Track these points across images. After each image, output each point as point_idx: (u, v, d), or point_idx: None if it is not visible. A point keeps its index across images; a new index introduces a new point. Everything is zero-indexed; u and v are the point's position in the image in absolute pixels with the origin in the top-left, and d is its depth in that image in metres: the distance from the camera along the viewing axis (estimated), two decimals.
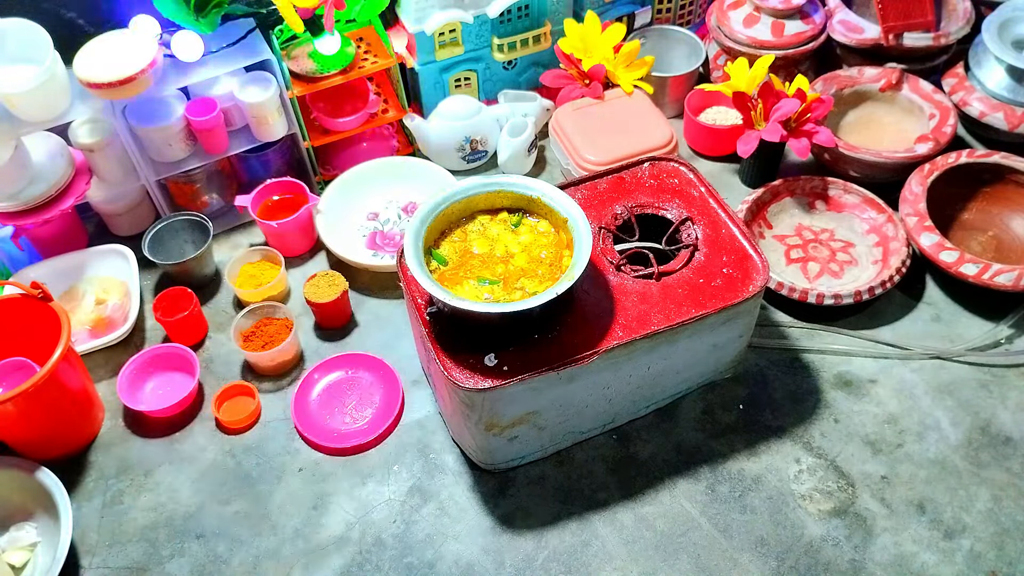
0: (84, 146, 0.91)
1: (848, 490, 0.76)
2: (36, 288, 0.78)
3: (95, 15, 0.93)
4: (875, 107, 1.06)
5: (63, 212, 0.92)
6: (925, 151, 0.96)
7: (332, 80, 0.97)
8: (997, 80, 1.00)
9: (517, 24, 1.06)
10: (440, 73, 1.06)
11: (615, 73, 1.04)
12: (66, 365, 0.77)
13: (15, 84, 0.81)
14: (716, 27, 1.10)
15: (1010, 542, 0.72)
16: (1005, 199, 0.96)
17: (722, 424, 0.81)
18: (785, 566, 0.71)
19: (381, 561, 0.73)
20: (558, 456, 0.79)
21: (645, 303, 0.72)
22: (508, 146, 1.02)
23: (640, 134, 0.98)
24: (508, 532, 0.75)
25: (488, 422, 0.70)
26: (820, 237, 0.96)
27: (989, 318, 0.89)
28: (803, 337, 0.88)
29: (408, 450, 0.81)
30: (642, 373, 0.74)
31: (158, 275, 0.98)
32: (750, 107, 0.97)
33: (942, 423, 0.81)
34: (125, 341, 0.91)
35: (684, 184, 0.82)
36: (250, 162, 1.04)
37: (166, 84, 0.90)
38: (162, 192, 0.99)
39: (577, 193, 0.81)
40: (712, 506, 0.75)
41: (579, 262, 0.65)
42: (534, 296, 0.63)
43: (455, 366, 0.67)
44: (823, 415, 0.82)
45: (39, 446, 0.80)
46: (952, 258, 0.87)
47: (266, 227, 0.96)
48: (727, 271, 0.74)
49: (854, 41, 1.05)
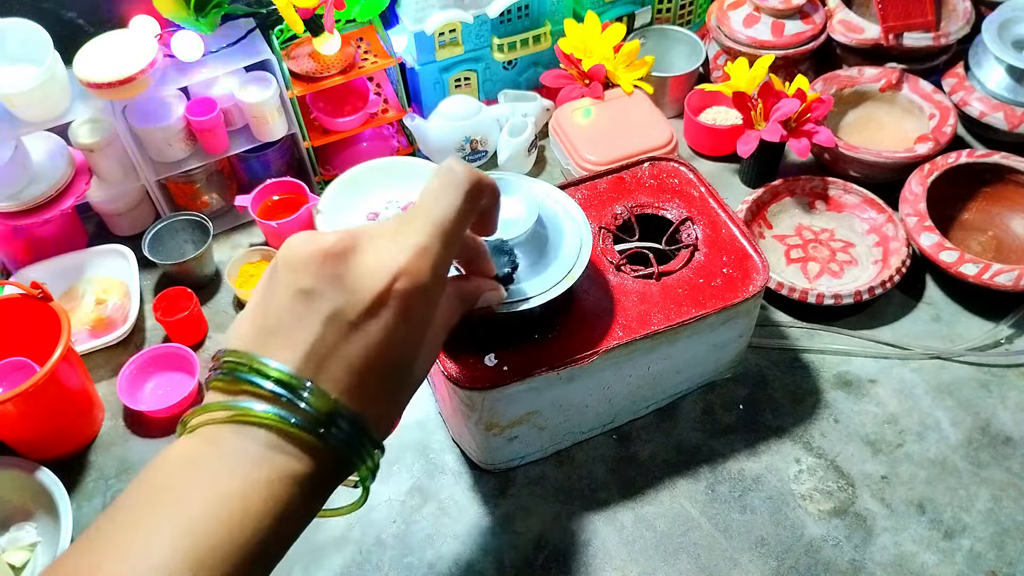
0: (84, 146, 0.92)
1: (848, 490, 0.76)
2: (36, 288, 0.78)
3: (95, 15, 0.93)
4: (875, 107, 1.06)
5: (63, 212, 0.92)
6: (925, 151, 0.96)
7: (332, 80, 0.97)
8: (997, 80, 1.01)
9: (517, 24, 1.06)
10: (440, 73, 1.06)
11: (615, 73, 1.04)
12: (66, 365, 0.77)
13: (15, 84, 0.81)
14: (716, 27, 1.10)
15: (1010, 542, 0.72)
16: (1005, 199, 0.96)
17: (722, 424, 0.81)
18: (785, 566, 0.71)
19: (381, 561, 0.73)
20: (558, 456, 0.79)
21: (645, 303, 0.72)
22: (508, 146, 1.03)
23: (640, 134, 0.98)
24: (508, 532, 0.75)
25: (488, 422, 0.70)
26: (820, 237, 0.96)
27: (989, 318, 0.89)
28: (803, 337, 0.88)
29: (408, 450, 0.81)
30: (642, 373, 0.74)
31: (158, 275, 0.98)
32: (750, 107, 0.97)
33: (942, 423, 0.81)
34: (125, 341, 0.91)
35: (684, 184, 0.82)
36: (250, 162, 1.04)
37: (166, 84, 0.90)
38: (162, 192, 1.00)
39: (577, 193, 0.81)
40: (712, 506, 0.75)
41: (579, 262, 0.65)
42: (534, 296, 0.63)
43: (455, 366, 0.67)
44: (823, 415, 0.82)
45: (39, 446, 0.80)
46: (952, 258, 0.87)
47: (266, 227, 0.96)
48: (727, 271, 0.74)
49: (854, 41, 1.05)
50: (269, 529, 0.35)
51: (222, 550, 0.33)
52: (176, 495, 0.34)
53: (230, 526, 0.33)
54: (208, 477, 0.35)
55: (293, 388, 0.36)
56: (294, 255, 0.38)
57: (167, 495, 0.34)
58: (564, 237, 0.66)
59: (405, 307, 0.38)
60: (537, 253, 0.64)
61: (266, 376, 0.36)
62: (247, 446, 0.35)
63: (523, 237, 0.62)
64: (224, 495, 0.34)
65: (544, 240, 0.65)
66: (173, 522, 0.33)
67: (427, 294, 0.39)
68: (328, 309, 0.37)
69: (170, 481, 0.35)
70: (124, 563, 0.32)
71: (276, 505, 0.35)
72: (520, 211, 0.61)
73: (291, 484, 0.36)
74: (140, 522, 0.33)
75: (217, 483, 0.34)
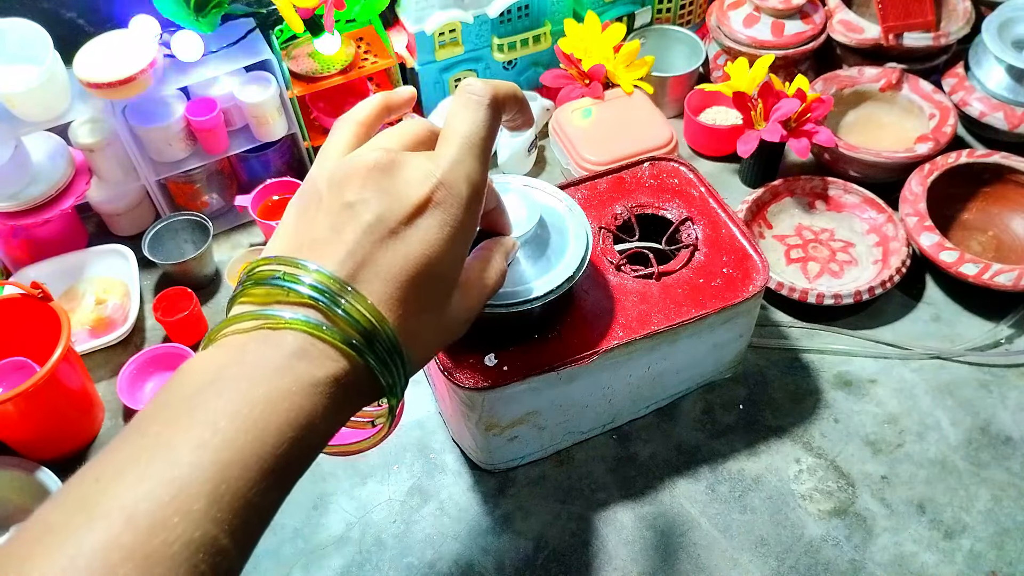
0: (84, 146, 0.92)
1: (848, 490, 0.76)
2: (36, 288, 0.78)
3: (95, 15, 0.93)
4: (875, 107, 1.06)
5: (63, 212, 0.92)
6: (925, 151, 0.96)
7: (332, 80, 0.97)
8: (997, 80, 1.01)
9: (517, 24, 1.06)
10: (440, 73, 1.06)
11: (615, 73, 1.04)
12: (66, 365, 0.77)
13: (15, 84, 0.81)
14: (716, 27, 1.10)
15: (1010, 542, 0.72)
16: (1005, 199, 0.96)
17: (722, 424, 0.81)
18: (785, 566, 0.71)
19: (381, 561, 0.73)
20: (558, 456, 0.79)
21: (645, 303, 0.72)
22: (508, 146, 1.03)
23: (640, 134, 0.98)
24: (508, 532, 0.75)
25: (488, 422, 0.70)
26: (820, 237, 0.96)
27: (989, 318, 0.89)
28: (803, 337, 0.88)
29: (408, 450, 0.81)
30: (642, 373, 0.74)
31: (158, 275, 0.98)
32: (750, 107, 0.97)
33: (942, 423, 0.81)
34: (125, 341, 0.91)
35: (684, 184, 0.82)
36: (250, 162, 1.04)
37: (166, 84, 0.90)
38: (162, 192, 1.00)
39: (577, 193, 0.81)
40: (712, 506, 0.75)
41: (579, 263, 0.65)
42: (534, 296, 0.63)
43: (455, 366, 0.67)
44: (823, 415, 0.82)
45: (39, 446, 0.80)
46: (952, 258, 0.87)
47: (266, 227, 0.96)
48: (727, 271, 0.74)
49: (854, 41, 1.05)
50: (292, 440, 0.34)
51: (243, 463, 0.32)
52: (193, 409, 0.33)
53: (251, 438, 0.32)
54: (228, 389, 0.33)
55: (331, 294, 0.36)
56: (340, 170, 0.39)
57: (185, 408, 0.33)
58: (564, 237, 0.66)
59: (444, 216, 0.39)
60: (538, 253, 0.64)
61: (300, 282, 0.36)
62: (271, 354, 0.35)
63: (525, 238, 0.62)
64: (246, 406, 0.33)
65: (545, 241, 0.65)
66: (189, 437, 0.32)
67: (465, 205, 0.40)
68: (370, 217, 0.37)
69: (187, 395, 0.34)
70: (141, 484, 0.30)
71: (300, 415, 0.34)
72: (522, 213, 0.61)
73: (316, 394, 0.35)
74: (158, 439, 0.32)
75: (237, 395, 0.33)
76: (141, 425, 0.34)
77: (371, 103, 0.45)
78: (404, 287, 0.38)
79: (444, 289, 0.41)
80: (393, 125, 0.44)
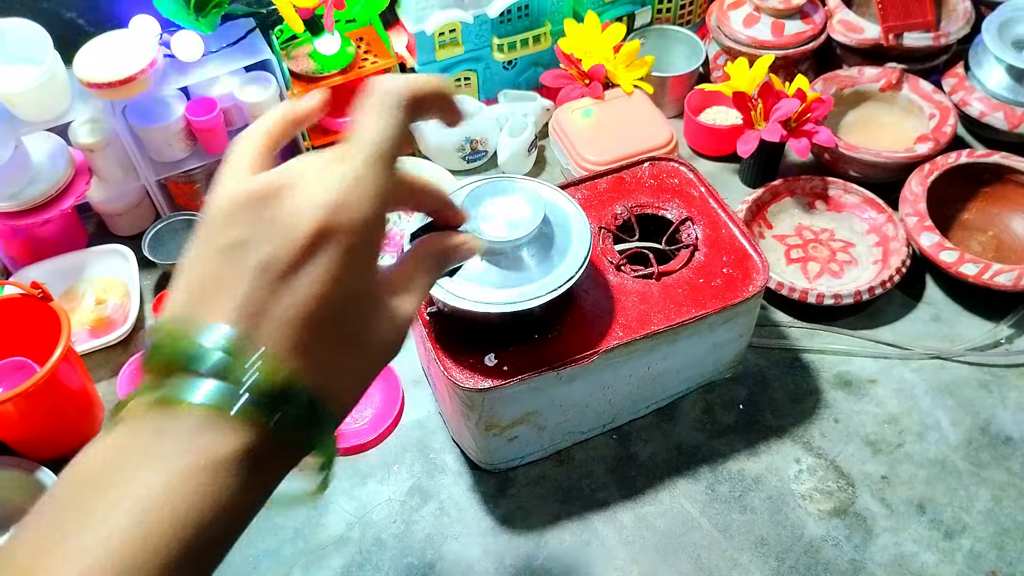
0: (84, 146, 0.92)
1: (848, 490, 0.76)
2: (36, 288, 0.78)
3: (95, 15, 0.93)
4: (875, 107, 1.06)
5: (63, 212, 0.92)
6: (925, 151, 0.96)
7: (332, 80, 0.97)
8: (997, 80, 1.01)
9: (517, 24, 1.06)
10: (440, 73, 1.06)
11: (615, 73, 1.04)
12: (66, 365, 0.77)
13: (15, 84, 0.81)
14: (716, 27, 1.10)
15: (1010, 542, 0.72)
16: (1005, 199, 0.96)
17: (722, 424, 0.81)
18: (785, 566, 0.71)
19: (381, 561, 0.73)
20: (558, 456, 0.79)
21: (645, 303, 0.72)
22: (508, 146, 1.02)
23: (640, 134, 0.98)
24: (508, 532, 0.75)
25: (488, 422, 0.70)
26: (820, 237, 0.96)
27: (989, 318, 0.89)
28: (803, 337, 0.88)
29: (408, 450, 0.81)
30: (642, 373, 0.74)
31: (158, 275, 0.98)
32: (750, 107, 0.97)
33: (942, 423, 0.81)
34: (125, 341, 0.91)
35: (684, 184, 0.82)
36: None
37: (166, 84, 0.90)
38: (162, 192, 1.00)
39: (577, 193, 0.81)
40: (712, 506, 0.75)
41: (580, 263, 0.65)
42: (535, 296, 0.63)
43: (455, 366, 0.67)
44: (823, 415, 0.82)
45: (39, 446, 0.80)
46: (952, 258, 0.87)
47: None
48: (727, 271, 0.74)
49: (854, 41, 1.05)
50: (203, 523, 0.31)
51: (146, 555, 0.29)
52: (90, 503, 0.30)
53: (156, 527, 0.30)
54: (127, 476, 0.31)
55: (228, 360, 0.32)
56: (216, 206, 0.34)
57: (80, 504, 0.31)
58: (565, 237, 0.66)
59: (343, 244, 0.34)
60: (542, 253, 0.64)
61: (196, 348, 0.32)
62: (171, 433, 0.31)
63: (529, 237, 0.62)
64: (145, 494, 0.30)
65: (548, 240, 0.65)
66: (85, 535, 0.29)
67: (367, 229, 0.35)
68: (259, 259, 0.32)
69: (83, 487, 0.31)
70: None
71: (208, 495, 0.31)
72: (526, 212, 0.61)
73: (224, 470, 0.31)
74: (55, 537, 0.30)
75: (136, 482, 0.30)
76: (28, 533, 0.31)
77: (272, 116, 0.40)
78: (310, 331, 0.33)
79: (358, 320, 0.36)
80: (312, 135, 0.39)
